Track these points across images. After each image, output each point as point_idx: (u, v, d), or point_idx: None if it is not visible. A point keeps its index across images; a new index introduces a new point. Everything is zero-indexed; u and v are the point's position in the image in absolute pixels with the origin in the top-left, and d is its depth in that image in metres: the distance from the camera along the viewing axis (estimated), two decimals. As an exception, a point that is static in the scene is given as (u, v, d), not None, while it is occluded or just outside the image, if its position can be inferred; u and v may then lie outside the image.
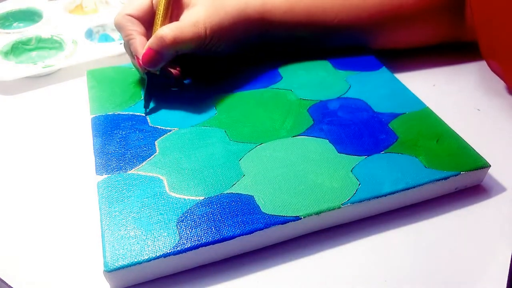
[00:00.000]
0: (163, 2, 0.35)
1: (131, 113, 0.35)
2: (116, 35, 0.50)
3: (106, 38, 0.50)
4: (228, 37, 0.36)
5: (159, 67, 0.34)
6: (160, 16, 0.35)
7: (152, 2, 0.35)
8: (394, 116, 0.35)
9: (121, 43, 0.46)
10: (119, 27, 0.35)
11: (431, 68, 0.45)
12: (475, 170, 0.30)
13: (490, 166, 0.31)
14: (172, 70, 0.37)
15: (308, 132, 0.33)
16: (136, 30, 0.34)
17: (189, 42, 0.34)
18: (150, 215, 0.27)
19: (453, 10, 0.41)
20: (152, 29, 0.35)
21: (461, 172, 0.30)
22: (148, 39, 0.34)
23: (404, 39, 0.43)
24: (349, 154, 0.31)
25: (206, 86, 0.38)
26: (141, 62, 0.34)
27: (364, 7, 0.40)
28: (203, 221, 0.26)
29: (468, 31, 0.42)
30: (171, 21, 0.36)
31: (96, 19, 0.51)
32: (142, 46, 0.34)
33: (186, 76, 0.39)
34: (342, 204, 0.28)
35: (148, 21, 0.35)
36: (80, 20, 0.50)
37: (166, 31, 0.33)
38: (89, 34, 0.49)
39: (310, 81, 0.39)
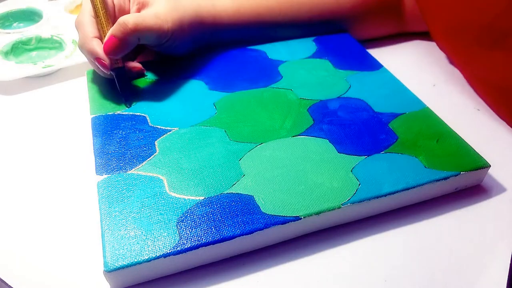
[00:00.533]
0: (99, 7, 0.35)
1: (131, 113, 0.35)
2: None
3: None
4: (185, 35, 0.38)
5: (122, 54, 0.35)
6: (102, 16, 0.35)
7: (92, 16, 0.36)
8: (394, 116, 0.35)
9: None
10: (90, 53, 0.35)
11: (431, 68, 0.45)
12: (475, 170, 0.30)
13: (490, 166, 0.31)
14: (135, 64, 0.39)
15: (308, 132, 0.33)
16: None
17: (151, 30, 0.35)
18: (150, 215, 0.27)
19: (389, 9, 0.47)
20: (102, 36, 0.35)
21: (461, 172, 0.30)
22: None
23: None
24: (349, 154, 0.31)
25: (206, 84, 0.38)
26: (101, 53, 0.34)
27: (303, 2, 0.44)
28: (203, 221, 0.26)
29: (408, 23, 0.48)
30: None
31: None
32: (99, 46, 0.34)
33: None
34: (342, 204, 0.27)
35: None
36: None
37: (128, 17, 0.34)
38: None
39: (310, 80, 0.39)
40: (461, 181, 0.31)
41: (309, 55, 0.43)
